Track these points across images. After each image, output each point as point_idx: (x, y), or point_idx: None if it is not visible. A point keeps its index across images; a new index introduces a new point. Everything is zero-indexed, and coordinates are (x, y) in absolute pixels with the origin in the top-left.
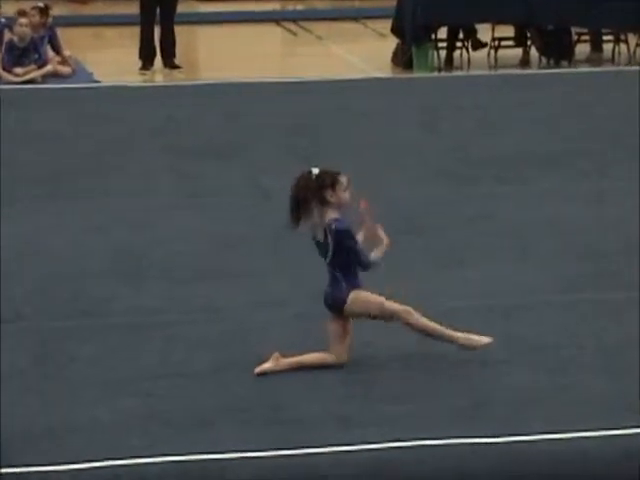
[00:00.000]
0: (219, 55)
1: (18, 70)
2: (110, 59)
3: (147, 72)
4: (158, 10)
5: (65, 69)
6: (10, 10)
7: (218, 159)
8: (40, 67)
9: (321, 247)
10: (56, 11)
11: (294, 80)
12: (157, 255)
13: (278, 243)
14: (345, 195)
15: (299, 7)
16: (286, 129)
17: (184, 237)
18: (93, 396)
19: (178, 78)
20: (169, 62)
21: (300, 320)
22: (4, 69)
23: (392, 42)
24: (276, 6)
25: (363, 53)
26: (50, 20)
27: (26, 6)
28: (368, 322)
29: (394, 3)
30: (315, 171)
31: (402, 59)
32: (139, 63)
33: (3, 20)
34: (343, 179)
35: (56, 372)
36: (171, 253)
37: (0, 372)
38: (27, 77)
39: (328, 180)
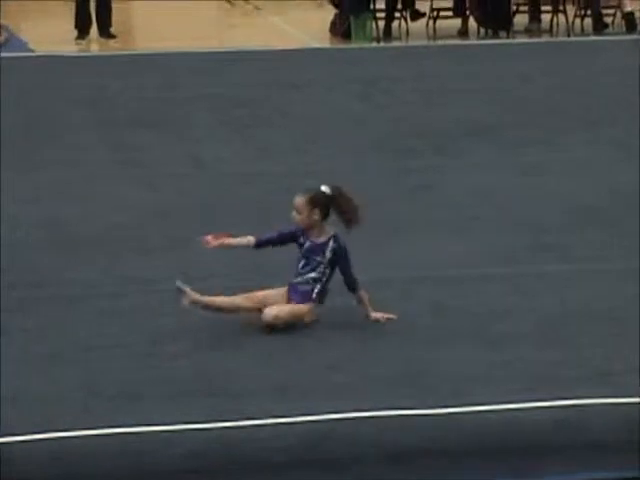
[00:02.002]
0: (156, 25)
1: None
2: (45, 28)
3: (83, 41)
4: None
5: None
6: None
7: (153, 130)
8: None
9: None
10: None
11: (231, 50)
12: (90, 227)
13: (211, 214)
14: None
15: None
16: (223, 100)
17: (118, 208)
18: (28, 368)
19: (114, 48)
20: (105, 31)
21: (231, 292)
22: None
23: (330, 12)
24: None
25: (301, 23)
26: None
27: None
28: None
29: None
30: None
31: (340, 29)
32: (75, 32)
33: None
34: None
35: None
36: (105, 225)
37: None
38: None
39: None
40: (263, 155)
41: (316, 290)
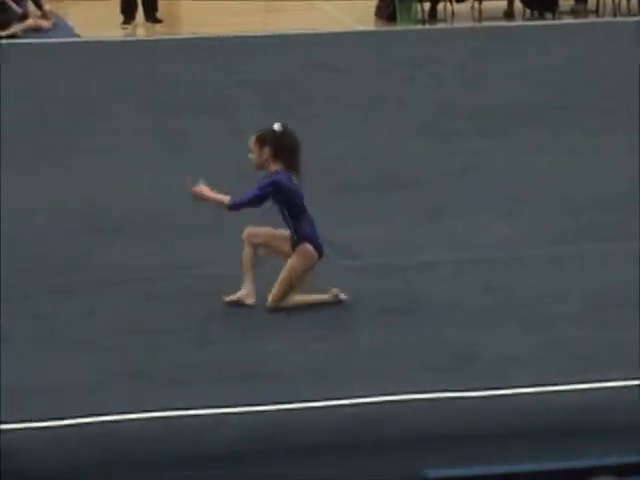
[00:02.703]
0: (202, 9)
1: None
2: (91, 13)
3: (128, 26)
4: None
5: (45, 23)
6: None
7: (199, 115)
8: (20, 21)
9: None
10: None
11: (277, 34)
12: (134, 212)
13: None
14: None
15: None
16: (269, 84)
17: (163, 194)
18: (71, 353)
19: (160, 32)
20: (151, 16)
21: (275, 273)
22: None
23: None
24: None
25: (347, 7)
26: None
27: None
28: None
29: None
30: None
31: (385, 12)
32: (121, 17)
33: None
34: None
35: (33, 330)
36: (149, 210)
37: None
38: (8, 32)
39: None
40: (310, 139)
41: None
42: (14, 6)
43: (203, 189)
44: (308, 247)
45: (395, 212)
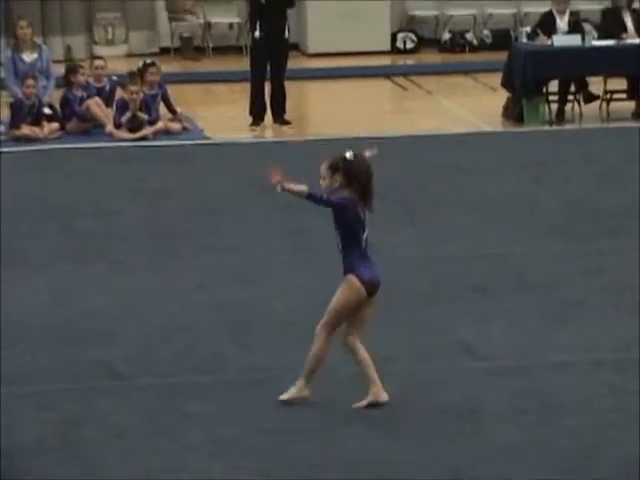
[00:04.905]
0: (329, 110)
1: (127, 135)
2: (221, 115)
3: (257, 128)
4: (269, 66)
5: (176, 126)
6: (120, 67)
7: (323, 214)
8: (152, 124)
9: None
10: (168, 68)
11: (404, 135)
12: (265, 311)
13: (388, 296)
14: None
15: (409, 62)
16: (394, 183)
17: (293, 292)
18: (204, 454)
19: (288, 134)
20: (279, 118)
21: (412, 380)
22: (116, 126)
23: (503, 96)
24: (386, 61)
25: (473, 107)
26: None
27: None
28: None
29: (504, 57)
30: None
31: (513, 113)
32: (249, 119)
33: (114, 78)
34: None
35: (166, 430)
36: (279, 309)
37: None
38: (139, 134)
39: None
40: (439, 240)
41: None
42: (142, 115)
43: (285, 180)
44: (353, 279)
45: (524, 313)
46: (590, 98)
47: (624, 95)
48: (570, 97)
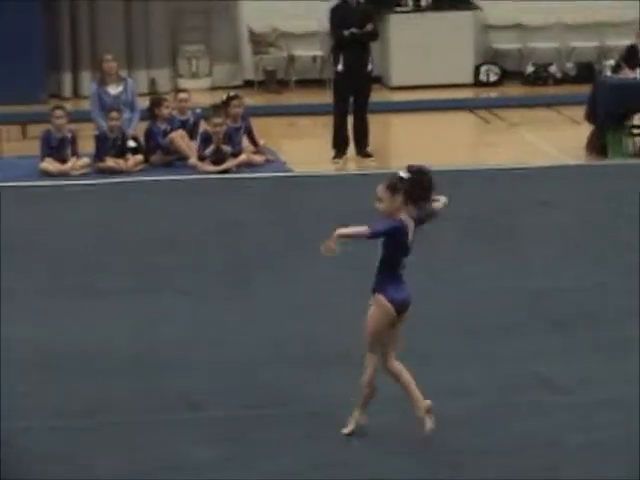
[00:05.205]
0: (412, 143)
1: (210, 167)
2: (303, 148)
3: (340, 160)
4: (352, 99)
5: (258, 158)
6: (204, 100)
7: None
8: (235, 157)
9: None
10: (252, 101)
11: (487, 168)
12: (344, 344)
13: (467, 329)
14: None
15: (492, 94)
16: (476, 215)
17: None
18: None
19: (370, 166)
20: (362, 151)
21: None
22: (199, 159)
23: (586, 129)
24: (469, 94)
25: (556, 140)
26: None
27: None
28: None
29: (588, 90)
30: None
31: (596, 145)
32: (332, 152)
33: (198, 111)
34: None
35: (246, 462)
36: (353, 340)
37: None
38: (222, 167)
39: None
40: (520, 273)
41: None
42: (225, 147)
43: (342, 230)
44: (380, 298)
45: (605, 347)
46: None
47: None
48: None
